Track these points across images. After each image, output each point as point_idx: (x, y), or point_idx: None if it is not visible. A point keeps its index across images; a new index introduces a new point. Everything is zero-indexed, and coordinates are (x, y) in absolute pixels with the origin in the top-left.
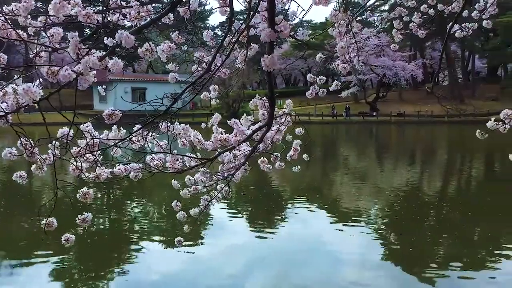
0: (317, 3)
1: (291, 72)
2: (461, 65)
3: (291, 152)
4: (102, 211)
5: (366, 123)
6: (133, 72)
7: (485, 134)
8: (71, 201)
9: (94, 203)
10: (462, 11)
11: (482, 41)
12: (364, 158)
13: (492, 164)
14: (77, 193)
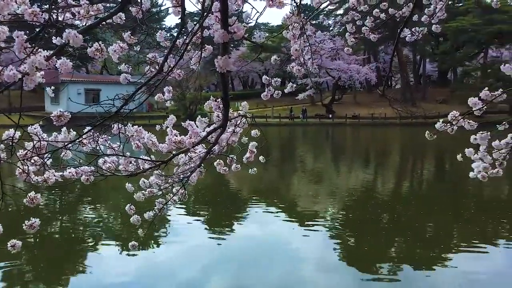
0: (271, 5)
1: (249, 74)
2: (412, 68)
3: (248, 154)
4: (54, 215)
5: (322, 125)
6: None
7: (434, 135)
8: (20, 207)
9: (46, 208)
10: (411, 16)
11: (433, 46)
12: (320, 159)
13: (442, 164)
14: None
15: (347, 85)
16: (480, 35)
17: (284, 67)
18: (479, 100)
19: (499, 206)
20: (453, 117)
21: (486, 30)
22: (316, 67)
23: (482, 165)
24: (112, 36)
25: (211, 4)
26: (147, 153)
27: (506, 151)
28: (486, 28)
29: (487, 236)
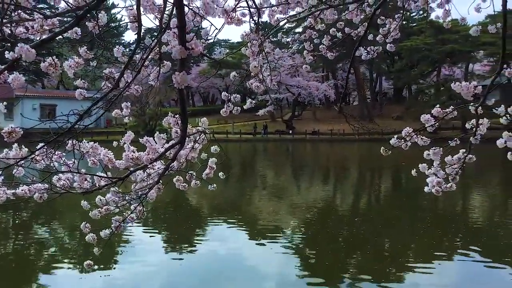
0: (229, 22)
1: (209, 90)
2: (369, 86)
3: (207, 170)
4: (7, 235)
5: (282, 140)
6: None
7: (389, 151)
8: None
9: None
10: (365, 35)
11: (388, 64)
12: (281, 175)
13: (399, 179)
14: None
15: (306, 101)
16: (433, 54)
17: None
18: (431, 117)
19: (454, 219)
20: (406, 133)
21: (439, 49)
22: (275, 83)
23: (436, 179)
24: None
25: (169, 20)
26: (103, 170)
27: (458, 166)
28: (439, 47)
29: (442, 249)
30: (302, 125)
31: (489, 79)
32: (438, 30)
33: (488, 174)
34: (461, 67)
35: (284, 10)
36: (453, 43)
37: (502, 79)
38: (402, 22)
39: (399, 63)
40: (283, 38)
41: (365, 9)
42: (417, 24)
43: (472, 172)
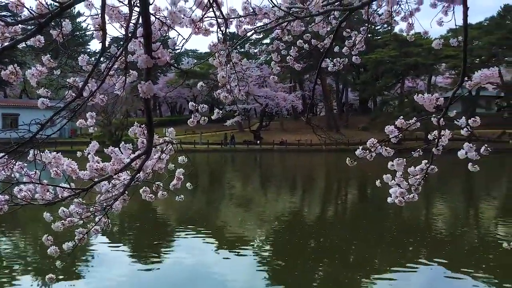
0: (197, 32)
1: (177, 100)
2: (336, 97)
3: (174, 181)
4: None
5: (250, 151)
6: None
7: (354, 162)
8: None
9: None
10: (331, 47)
11: (354, 76)
12: (248, 185)
13: (365, 188)
14: None
15: (274, 112)
16: (397, 67)
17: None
18: (395, 128)
19: (419, 228)
20: (371, 144)
21: (402, 61)
22: (243, 94)
23: (399, 190)
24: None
25: (135, 29)
26: (66, 181)
27: (421, 177)
28: (402, 60)
29: (407, 258)
30: (269, 135)
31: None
32: (402, 43)
33: (450, 184)
34: (424, 79)
35: (251, 21)
36: (417, 56)
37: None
38: (367, 35)
39: (364, 75)
40: (251, 49)
41: (331, 21)
42: (382, 37)
43: (435, 183)
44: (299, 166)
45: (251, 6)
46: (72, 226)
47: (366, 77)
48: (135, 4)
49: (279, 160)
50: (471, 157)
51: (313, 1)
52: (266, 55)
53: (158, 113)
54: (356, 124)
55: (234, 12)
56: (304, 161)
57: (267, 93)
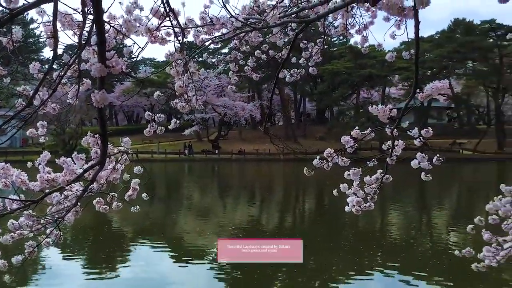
0: (153, 41)
1: (134, 109)
2: (294, 107)
3: (130, 192)
4: None
5: (208, 160)
6: None
7: (312, 171)
8: None
9: None
10: (287, 58)
11: (311, 86)
12: (207, 195)
13: (322, 197)
14: None
15: (232, 121)
16: (352, 78)
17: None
18: (350, 138)
19: (375, 236)
20: (328, 154)
21: (358, 73)
22: (201, 103)
23: (356, 199)
24: None
25: (88, 36)
26: (15, 192)
27: (376, 186)
28: (357, 71)
29: (364, 266)
30: (228, 145)
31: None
32: (357, 55)
33: (404, 193)
34: (378, 90)
35: (209, 31)
36: (371, 68)
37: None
38: (324, 46)
39: (321, 85)
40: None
41: (288, 33)
42: (338, 49)
43: (390, 191)
44: (257, 176)
45: (208, 16)
46: (22, 239)
47: (323, 88)
48: (88, 12)
49: (238, 170)
50: (423, 166)
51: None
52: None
53: (114, 122)
54: (314, 134)
55: (191, 22)
56: (262, 171)
57: (226, 102)
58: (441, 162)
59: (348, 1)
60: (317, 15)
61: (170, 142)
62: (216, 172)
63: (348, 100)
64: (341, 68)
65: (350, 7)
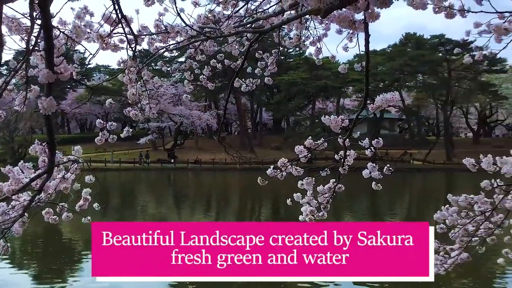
0: (104, 48)
1: (87, 117)
2: (250, 116)
3: (81, 202)
4: None
5: (164, 170)
6: None
7: (265, 181)
8: None
9: None
10: (242, 67)
11: (268, 96)
12: (162, 205)
13: (277, 207)
14: None
15: (189, 130)
16: (308, 88)
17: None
18: (304, 148)
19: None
20: (282, 163)
21: (313, 84)
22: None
23: (309, 208)
24: None
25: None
26: None
27: (329, 195)
28: (313, 82)
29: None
30: (184, 154)
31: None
32: (312, 66)
33: (357, 202)
34: (333, 101)
35: (164, 39)
36: (326, 79)
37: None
38: (279, 57)
39: (278, 95)
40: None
41: (244, 42)
42: (294, 60)
43: (343, 201)
44: (213, 185)
45: (163, 24)
46: None
47: (279, 98)
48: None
49: (194, 179)
50: (374, 176)
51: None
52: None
53: (66, 130)
54: (270, 144)
55: (145, 29)
56: (219, 180)
57: (182, 111)
58: (391, 172)
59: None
60: (271, 26)
61: (124, 151)
62: (171, 181)
63: (304, 111)
64: (297, 78)
65: (304, 19)
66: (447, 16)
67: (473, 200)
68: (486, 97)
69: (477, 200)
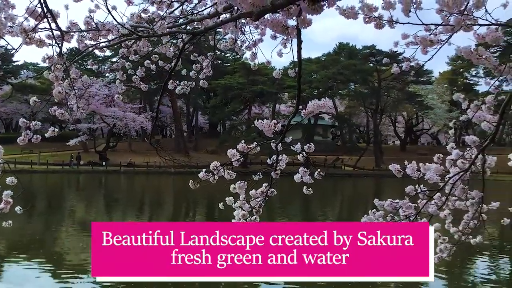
0: (28, 43)
1: (13, 116)
2: (186, 120)
3: (1, 205)
4: None
5: (95, 172)
6: None
7: (197, 184)
8: None
9: None
10: (174, 69)
11: (204, 100)
12: (92, 209)
13: (212, 211)
14: None
15: (122, 132)
16: (245, 93)
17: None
18: (237, 152)
19: None
20: (214, 167)
21: (250, 89)
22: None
23: (241, 212)
24: None
25: None
26: None
27: (262, 199)
28: (250, 87)
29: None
30: (117, 156)
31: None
32: (249, 71)
33: (290, 205)
34: (269, 106)
35: (94, 37)
36: (262, 84)
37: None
38: (215, 60)
39: (214, 99)
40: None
41: (179, 44)
42: (231, 64)
43: (277, 204)
44: (147, 189)
45: (93, 21)
46: None
47: (215, 102)
48: None
49: (127, 183)
50: (305, 180)
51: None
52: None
53: None
54: (206, 147)
55: (75, 26)
56: (152, 184)
57: (116, 113)
58: (321, 177)
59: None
60: (205, 28)
61: (52, 153)
62: (103, 184)
63: (240, 115)
64: (234, 83)
65: (240, 23)
66: (376, 26)
67: (398, 205)
68: (413, 107)
69: (401, 205)
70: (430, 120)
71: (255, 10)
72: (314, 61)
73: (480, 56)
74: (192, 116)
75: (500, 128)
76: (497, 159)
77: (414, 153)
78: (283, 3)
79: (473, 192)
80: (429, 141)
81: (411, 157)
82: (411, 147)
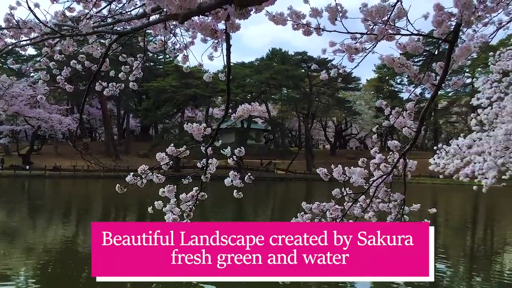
0: None
1: None
2: (117, 122)
3: None
4: None
5: (18, 177)
6: None
7: (124, 188)
8: None
9: None
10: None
11: (136, 102)
12: (14, 215)
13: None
14: None
15: (47, 135)
16: (178, 96)
17: None
18: (166, 155)
19: None
20: (142, 170)
21: (183, 92)
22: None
23: (172, 216)
24: None
25: None
26: None
27: (192, 203)
28: (183, 90)
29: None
30: (42, 160)
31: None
32: (182, 74)
33: (224, 209)
34: (202, 110)
35: (16, 35)
36: (196, 88)
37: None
38: (145, 62)
39: (146, 102)
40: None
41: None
42: (163, 67)
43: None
44: (73, 194)
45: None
46: None
47: (147, 104)
48: None
49: (52, 187)
50: (236, 184)
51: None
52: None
53: None
54: (137, 151)
55: None
56: (79, 188)
57: (41, 114)
58: (251, 181)
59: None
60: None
61: None
62: (26, 189)
63: (173, 118)
64: (167, 86)
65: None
66: (304, 33)
67: (325, 208)
68: (342, 112)
69: (328, 207)
70: (358, 125)
71: (181, 12)
72: (247, 65)
73: (401, 64)
74: (123, 119)
75: (422, 134)
76: (419, 163)
77: (343, 157)
78: (209, 7)
79: (396, 194)
80: (357, 145)
81: (340, 161)
82: (340, 151)
